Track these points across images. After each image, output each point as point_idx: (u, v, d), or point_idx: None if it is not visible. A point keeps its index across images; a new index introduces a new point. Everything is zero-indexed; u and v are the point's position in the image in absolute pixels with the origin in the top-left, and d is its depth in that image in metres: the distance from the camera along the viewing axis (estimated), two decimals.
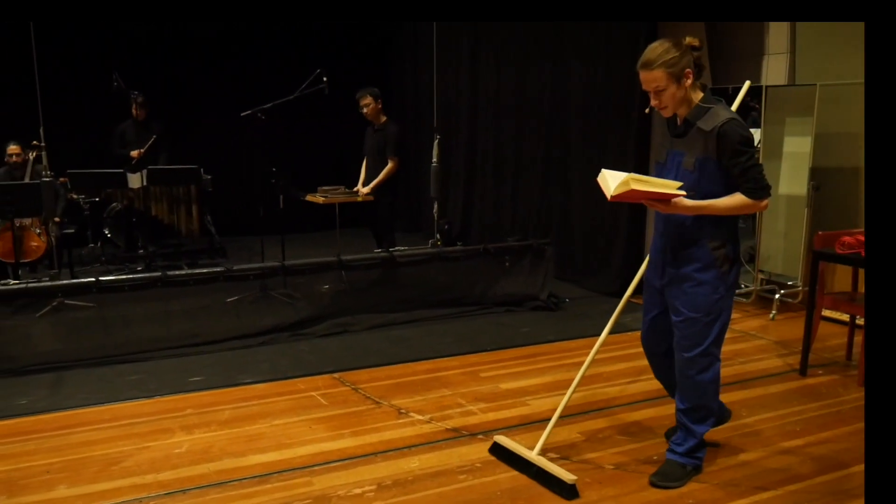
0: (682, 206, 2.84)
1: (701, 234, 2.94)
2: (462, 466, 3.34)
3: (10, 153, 6.70)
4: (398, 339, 5.27)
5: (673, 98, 2.87)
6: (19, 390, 4.37)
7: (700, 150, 2.87)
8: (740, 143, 2.81)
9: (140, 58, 8.62)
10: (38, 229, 6.41)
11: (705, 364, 3.05)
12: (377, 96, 6.33)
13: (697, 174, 2.88)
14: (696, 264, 2.96)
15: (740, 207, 2.88)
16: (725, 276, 2.97)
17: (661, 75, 2.82)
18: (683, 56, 2.83)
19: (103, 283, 5.07)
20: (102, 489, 3.16)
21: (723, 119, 2.82)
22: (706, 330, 3.01)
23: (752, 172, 2.83)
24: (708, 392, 3.10)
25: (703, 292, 2.97)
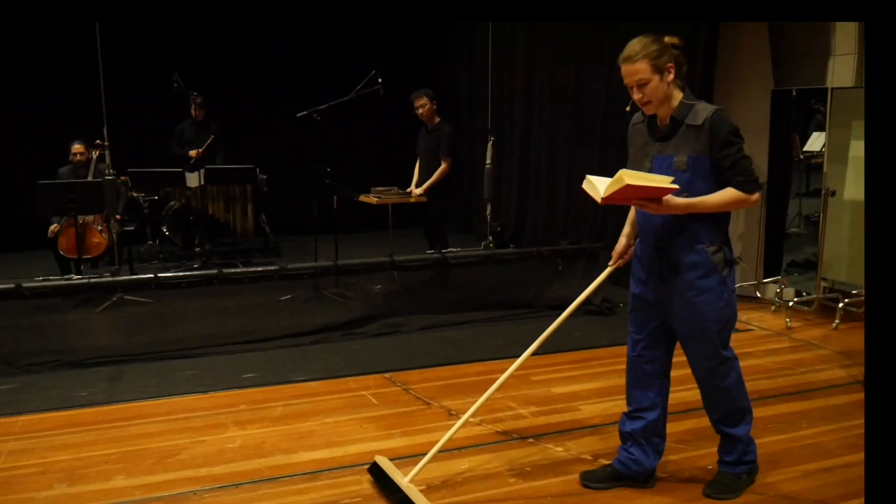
0: (673, 205, 2.68)
1: (697, 239, 2.80)
2: (512, 470, 3.31)
3: (75, 152, 6.88)
4: (449, 340, 5.26)
5: (656, 92, 2.75)
6: (80, 382, 4.49)
7: (691, 148, 2.75)
8: (731, 134, 2.71)
9: (199, 59, 8.78)
10: (100, 226, 6.57)
11: (726, 370, 2.93)
12: (432, 97, 6.34)
13: (690, 173, 2.75)
14: (697, 271, 2.80)
15: (732, 203, 2.74)
16: (727, 280, 2.84)
17: (645, 67, 2.72)
18: (665, 51, 2.74)
19: (161, 279, 5.19)
20: (158, 481, 3.22)
21: (710, 111, 2.73)
22: (718, 339, 2.87)
23: (741, 165, 2.72)
24: (736, 394, 2.98)
25: (709, 300, 2.81)
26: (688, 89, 2.83)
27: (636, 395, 3.11)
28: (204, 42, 8.93)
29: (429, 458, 3.09)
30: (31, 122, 8.46)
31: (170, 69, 7.78)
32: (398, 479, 3.02)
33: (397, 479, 3.03)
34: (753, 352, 4.99)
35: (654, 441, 3.10)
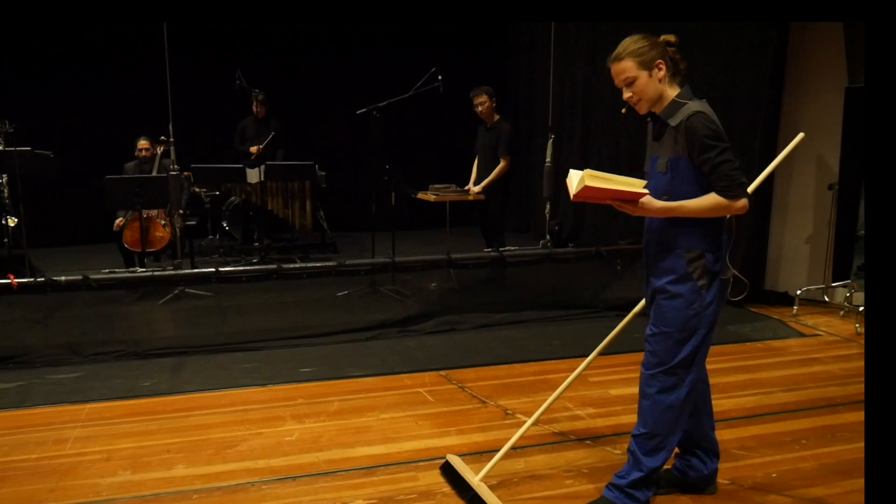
0: (650, 208, 2.59)
1: (676, 243, 2.68)
2: (569, 471, 3.26)
3: (140, 148, 7.05)
4: (505, 339, 5.22)
5: (645, 90, 2.66)
6: (143, 372, 4.58)
7: (671, 149, 2.65)
8: (707, 137, 2.55)
9: (261, 56, 8.91)
10: (164, 220, 6.71)
11: (668, 384, 2.72)
12: (492, 95, 6.30)
13: (670, 175, 2.65)
14: (671, 276, 2.69)
15: (713, 208, 2.59)
16: (702, 291, 2.66)
17: (630, 64, 2.65)
18: (654, 48, 2.65)
19: (222, 273, 5.28)
20: (217, 471, 3.26)
21: (689, 112, 2.59)
22: (676, 348, 2.70)
23: (722, 169, 2.55)
24: (666, 418, 2.75)
25: (676, 306, 2.68)
26: (687, 88, 2.71)
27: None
28: (266, 40, 9.06)
29: (500, 457, 3.10)
30: (99, 118, 8.71)
31: (233, 67, 7.92)
32: (469, 478, 3.03)
33: (468, 477, 3.04)
34: (821, 357, 4.84)
35: (705, 446, 2.99)
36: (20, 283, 4.96)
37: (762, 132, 5.90)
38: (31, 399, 4.17)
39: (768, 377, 4.47)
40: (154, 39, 6.31)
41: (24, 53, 8.60)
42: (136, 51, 8.43)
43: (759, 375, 4.47)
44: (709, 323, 2.72)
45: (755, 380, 4.40)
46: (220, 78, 8.21)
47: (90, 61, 8.76)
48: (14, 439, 3.61)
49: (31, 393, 4.27)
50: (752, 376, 4.47)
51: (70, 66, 8.73)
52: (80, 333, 4.98)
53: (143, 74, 8.16)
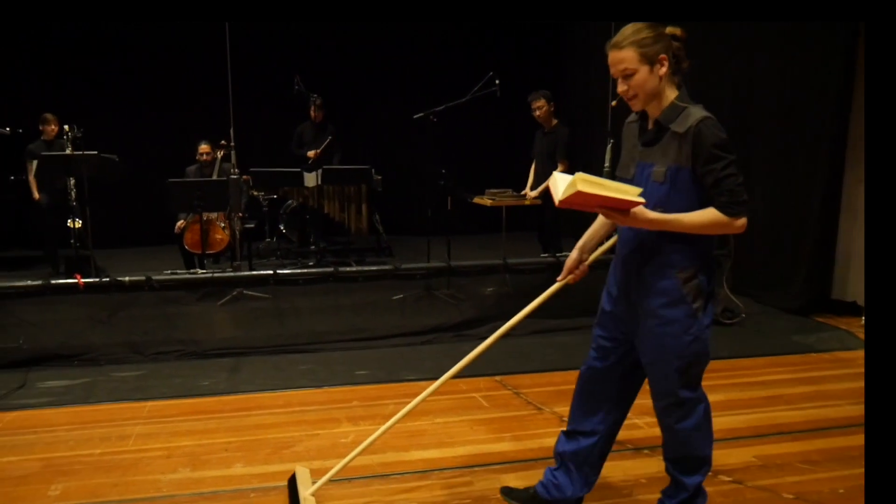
0: (642, 218, 2.32)
1: (668, 261, 2.42)
2: (626, 480, 3.20)
3: (201, 152, 7.20)
4: (561, 345, 5.17)
5: (644, 85, 2.39)
6: (202, 372, 4.67)
7: (673, 158, 2.38)
8: (715, 147, 2.31)
9: (319, 62, 9.01)
10: (223, 223, 6.83)
11: (682, 413, 2.55)
12: (549, 99, 6.26)
13: (668, 186, 2.39)
14: (662, 298, 2.43)
15: (711, 225, 2.35)
16: (698, 314, 2.44)
17: (632, 55, 2.37)
18: (659, 40, 2.40)
19: (280, 275, 5.33)
20: (274, 471, 3.29)
21: (697, 118, 2.34)
22: (678, 377, 2.49)
23: (726, 183, 2.31)
24: (693, 441, 2.59)
25: (672, 332, 2.44)
26: (685, 89, 2.46)
27: (577, 415, 2.81)
28: (324, 45, 9.17)
29: (331, 475, 2.99)
30: (162, 123, 8.93)
31: (291, 72, 8.03)
32: (301, 493, 2.93)
33: (301, 492, 2.93)
34: None
35: (585, 470, 2.79)
36: (86, 283, 5.09)
37: (830, 133, 5.74)
38: (96, 396, 4.28)
39: (835, 389, 4.32)
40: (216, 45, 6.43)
41: (91, 61, 8.88)
42: (199, 57, 8.61)
43: (825, 387, 4.34)
44: (707, 344, 2.51)
45: (821, 392, 4.27)
46: (279, 83, 8.32)
47: (155, 68, 9.00)
48: (79, 434, 3.71)
49: (95, 390, 4.38)
50: (818, 388, 4.33)
51: (135, 73, 8.99)
52: (142, 333, 5.09)
53: (204, 80, 8.32)
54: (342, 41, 9.25)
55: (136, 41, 8.89)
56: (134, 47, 8.93)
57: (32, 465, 3.38)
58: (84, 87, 8.73)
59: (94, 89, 8.79)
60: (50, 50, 8.79)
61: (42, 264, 7.62)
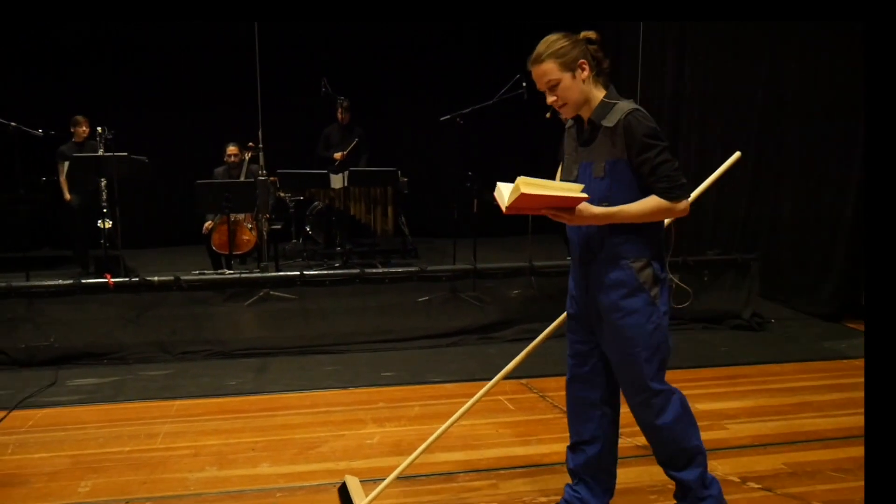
0: (588, 215, 2.37)
1: (619, 253, 2.46)
2: (653, 486, 3.16)
3: (229, 153, 7.25)
4: None
5: (569, 92, 2.44)
6: (229, 372, 4.70)
7: (608, 153, 2.44)
8: (646, 136, 2.38)
9: (346, 64, 9.05)
10: (250, 224, 6.88)
11: (659, 405, 2.54)
12: None
13: (608, 180, 2.44)
14: (621, 290, 2.46)
15: (655, 212, 2.40)
16: (656, 301, 2.48)
17: (552, 66, 2.43)
18: (575, 47, 2.45)
19: (307, 276, 5.35)
20: (300, 471, 3.30)
21: (625, 111, 2.41)
22: (646, 368, 2.49)
23: (663, 169, 2.39)
24: (678, 433, 2.58)
25: (635, 323, 2.47)
26: (612, 87, 2.52)
27: (575, 426, 2.78)
28: (351, 48, 9.20)
29: (385, 485, 2.93)
30: (190, 125, 9.02)
31: (319, 75, 8.07)
32: (355, 501, 2.90)
33: (355, 500, 2.91)
34: None
35: (601, 478, 2.77)
36: (116, 283, 5.15)
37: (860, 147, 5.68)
38: (125, 394, 4.33)
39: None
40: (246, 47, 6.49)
41: (121, 63, 8.99)
42: (228, 59, 8.70)
43: (856, 394, 4.26)
44: (667, 330, 2.55)
45: (852, 399, 4.20)
46: (307, 85, 8.37)
47: (184, 70, 9.10)
48: (108, 432, 3.76)
49: (124, 388, 4.43)
50: (849, 395, 4.26)
51: (165, 75, 9.08)
52: (170, 332, 5.14)
53: (233, 82, 8.41)
54: (369, 44, 9.28)
55: (167, 43, 8.98)
56: (164, 49, 9.03)
57: (63, 461, 3.42)
58: (114, 89, 8.84)
59: (125, 91, 8.90)
60: (80, 52, 8.91)
61: (72, 264, 7.72)
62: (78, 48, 8.90)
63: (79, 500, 3.06)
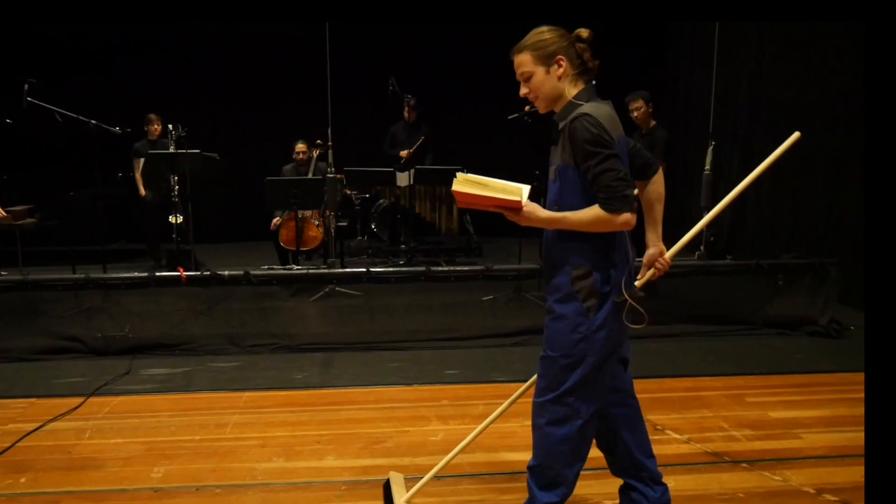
0: (534, 218, 2.35)
1: (564, 258, 2.41)
2: (723, 494, 3.08)
3: (298, 151, 7.36)
4: (654, 352, 5.04)
5: (541, 87, 2.39)
6: (295, 365, 4.77)
7: (560, 156, 2.38)
8: (588, 143, 2.26)
9: (413, 62, 9.08)
10: (317, 221, 6.96)
11: (558, 415, 2.45)
12: (648, 100, 6.12)
13: (559, 184, 2.40)
14: (557, 294, 2.43)
15: (594, 222, 2.30)
16: (590, 314, 2.37)
17: (527, 58, 2.39)
18: (558, 41, 2.38)
19: (373, 273, 5.39)
20: (365, 465, 3.33)
21: (574, 115, 2.30)
22: (563, 375, 2.41)
23: (603, 179, 2.26)
24: (558, 451, 2.48)
25: (560, 328, 2.41)
26: (591, 88, 2.42)
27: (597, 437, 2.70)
28: (419, 46, 9.23)
29: (425, 481, 2.91)
30: (260, 122, 9.19)
31: (386, 73, 8.12)
32: (397, 499, 2.88)
33: (396, 498, 2.88)
34: None
35: (642, 475, 2.68)
36: (188, 276, 5.27)
37: None
38: (195, 384, 4.43)
39: None
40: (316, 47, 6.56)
41: (194, 62, 9.21)
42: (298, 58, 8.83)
43: None
44: (601, 349, 2.40)
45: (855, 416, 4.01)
46: (375, 84, 8.43)
47: (256, 69, 9.26)
48: (180, 420, 3.85)
49: (194, 378, 4.53)
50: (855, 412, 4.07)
51: (236, 74, 9.27)
52: (239, 325, 5.23)
53: (302, 81, 8.53)
54: (437, 42, 9.29)
55: (238, 43, 9.17)
56: (236, 50, 9.22)
57: (137, 447, 3.51)
58: (187, 88, 9.06)
59: (197, 90, 9.10)
60: (154, 52, 9.16)
61: (146, 258, 7.95)
62: (152, 48, 9.15)
63: (152, 486, 3.14)
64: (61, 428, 3.77)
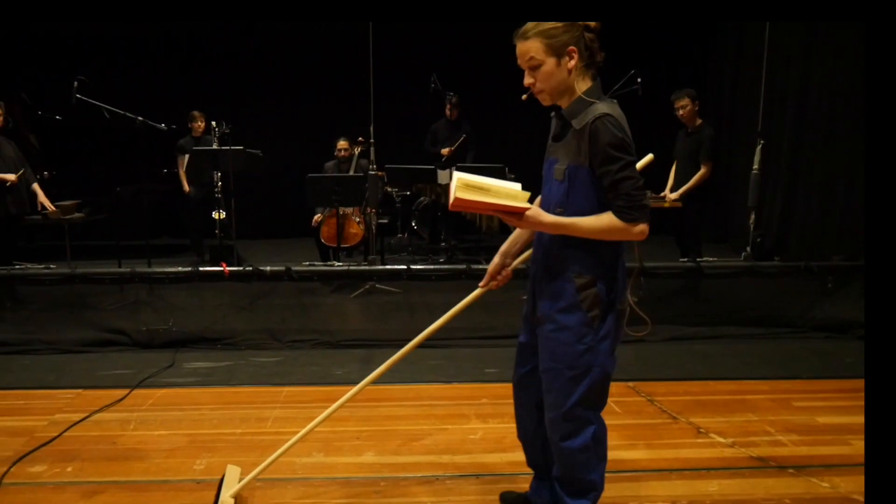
0: (536, 221, 2.24)
1: (566, 265, 2.31)
2: (768, 500, 3.01)
3: (339, 148, 7.40)
4: (699, 354, 4.95)
5: (550, 78, 2.26)
6: (335, 361, 4.78)
7: (572, 156, 2.26)
8: (611, 146, 2.17)
9: (455, 60, 9.07)
10: (358, 218, 6.99)
11: (570, 429, 2.40)
12: (694, 98, 6.02)
13: (567, 185, 2.28)
14: (560, 303, 2.33)
15: (608, 230, 2.22)
16: (594, 324, 2.31)
17: (538, 46, 2.25)
18: (569, 30, 2.25)
19: (413, 271, 5.39)
20: (404, 462, 3.32)
21: (596, 115, 2.19)
22: (569, 387, 2.35)
23: (623, 186, 2.18)
24: (579, 462, 2.44)
25: (565, 339, 2.33)
26: (598, 84, 2.31)
27: (518, 426, 2.77)
28: (461, 44, 9.21)
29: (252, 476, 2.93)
30: (302, 119, 9.26)
31: (428, 70, 8.11)
32: (223, 493, 2.88)
33: (223, 492, 2.88)
34: None
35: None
36: (230, 271, 5.32)
37: None
38: (237, 378, 4.47)
39: None
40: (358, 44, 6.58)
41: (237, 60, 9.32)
42: (341, 56, 8.88)
43: None
44: (606, 358, 2.37)
45: None
46: (417, 81, 8.44)
47: (298, 67, 9.34)
48: (222, 414, 3.88)
49: (236, 372, 4.57)
50: None
51: (279, 72, 9.35)
52: (280, 321, 5.27)
53: (345, 78, 8.56)
54: (479, 40, 9.24)
55: (282, 42, 9.25)
56: (279, 48, 9.30)
57: (180, 439, 3.55)
58: (231, 86, 9.17)
59: (241, 87, 9.22)
60: (198, 50, 9.28)
61: (188, 253, 8.06)
62: (196, 47, 9.28)
63: (194, 477, 3.17)
64: (107, 419, 3.83)
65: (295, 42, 9.27)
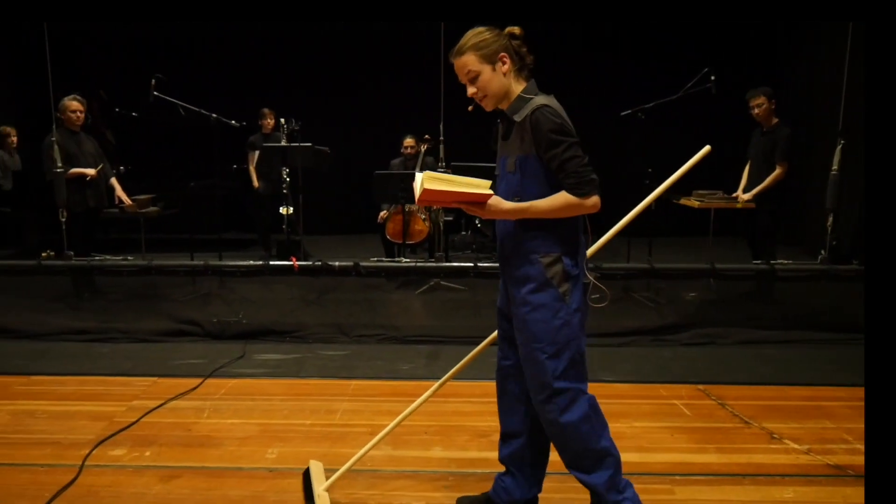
0: (498, 209, 2.41)
1: (530, 248, 2.46)
2: None
3: (406, 145, 7.45)
4: (771, 358, 4.83)
5: (489, 84, 2.47)
6: (402, 357, 4.82)
7: (519, 148, 2.45)
8: (553, 132, 2.37)
9: None
10: (424, 215, 7.02)
11: (563, 404, 2.48)
12: (770, 96, 5.86)
13: (519, 176, 2.45)
14: (530, 284, 2.46)
15: (564, 207, 2.39)
16: (566, 297, 2.44)
17: (472, 59, 2.46)
18: (497, 40, 2.48)
19: (480, 268, 5.39)
20: (472, 457, 3.34)
21: (534, 106, 2.41)
22: (552, 364, 2.45)
23: (570, 165, 2.37)
24: (584, 433, 2.51)
25: (542, 318, 2.45)
26: (533, 83, 2.54)
27: (502, 417, 2.81)
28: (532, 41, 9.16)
29: (346, 468, 2.96)
30: (370, 117, 9.34)
31: None
32: (315, 489, 2.92)
33: (315, 488, 2.92)
34: None
35: (527, 471, 2.76)
36: (299, 266, 5.41)
37: None
38: (306, 371, 4.54)
39: None
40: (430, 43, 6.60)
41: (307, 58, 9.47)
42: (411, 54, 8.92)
43: None
44: (580, 330, 2.50)
45: None
46: None
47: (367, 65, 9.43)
48: (292, 405, 3.96)
49: (305, 365, 4.65)
50: None
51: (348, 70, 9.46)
52: (347, 315, 5.34)
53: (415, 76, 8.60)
54: (546, 37, 9.19)
55: (351, 40, 9.36)
56: (348, 45, 9.42)
57: (252, 428, 3.63)
58: (301, 83, 9.32)
59: (310, 85, 9.36)
60: (270, 49, 9.46)
61: (256, 247, 8.22)
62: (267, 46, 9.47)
63: (267, 465, 3.24)
64: (182, 406, 3.94)
65: (364, 40, 9.37)
